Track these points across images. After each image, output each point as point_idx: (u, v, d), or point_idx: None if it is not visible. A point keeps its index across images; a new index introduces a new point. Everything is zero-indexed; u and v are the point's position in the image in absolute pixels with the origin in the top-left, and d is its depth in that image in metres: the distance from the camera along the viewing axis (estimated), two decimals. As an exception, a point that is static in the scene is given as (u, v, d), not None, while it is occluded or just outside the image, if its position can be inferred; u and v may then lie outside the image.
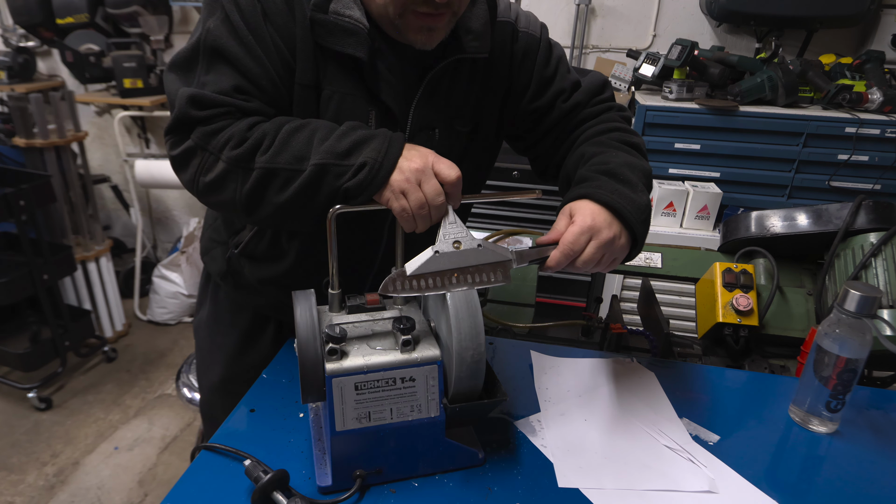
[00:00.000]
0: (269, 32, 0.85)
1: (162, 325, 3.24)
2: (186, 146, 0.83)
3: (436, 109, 0.96)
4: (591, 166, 0.91)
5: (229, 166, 0.81)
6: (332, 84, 0.90)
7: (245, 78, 0.85)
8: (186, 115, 0.82)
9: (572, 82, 1.05)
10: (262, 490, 0.72)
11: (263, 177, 0.80)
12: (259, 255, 1.06)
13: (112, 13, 2.97)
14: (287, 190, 0.80)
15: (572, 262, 0.80)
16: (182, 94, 0.82)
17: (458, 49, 0.93)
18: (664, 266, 1.41)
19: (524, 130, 1.08)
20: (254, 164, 0.80)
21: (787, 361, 1.22)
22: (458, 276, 0.75)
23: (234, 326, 1.19)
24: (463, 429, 0.85)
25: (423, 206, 0.76)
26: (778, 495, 0.79)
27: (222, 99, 0.83)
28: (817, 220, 1.24)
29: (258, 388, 0.97)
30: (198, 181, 0.84)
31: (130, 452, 2.35)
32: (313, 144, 0.80)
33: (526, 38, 1.02)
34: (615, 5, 2.73)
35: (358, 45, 0.86)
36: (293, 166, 0.79)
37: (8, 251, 2.72)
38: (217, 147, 0.81)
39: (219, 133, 0.82)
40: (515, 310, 1.42)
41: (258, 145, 0.80)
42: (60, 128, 2.63)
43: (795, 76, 2.24)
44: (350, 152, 0.79)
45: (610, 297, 1.70)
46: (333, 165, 0.78)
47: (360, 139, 0.80)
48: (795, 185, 2.28)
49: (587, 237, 0.80)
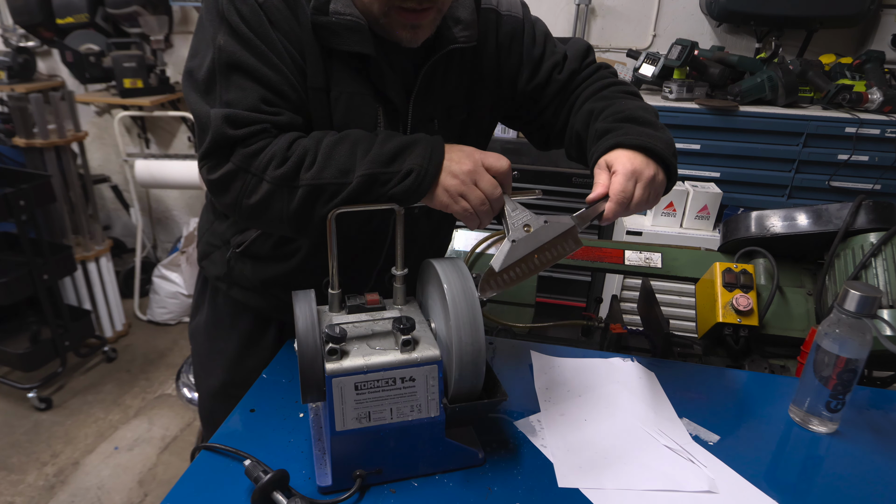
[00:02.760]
0: (279, 38, 0.85)
1: (162, 325, 3.24)
2: (227, 170, 0.83)
3: (433, 101, 0.98)
4: (609, 117, 0.94)
5: (273, 186, 0.81)
6: (340, 85, 0.91)
7: (267, 89, 0.85)
8: (223, 135, 0.81)
9: (562, 54, 1.08)
10: (262, 490, 0.72)
11: (310, 193, 0.81)
12: (264, 255, 1.06)
13: (112, 13, 2.97)
14: (333, 201, 0.81)
15: (626, 207, 0.84)
16: (216, 115, 0.82)
17: (450, 40, 0.94)
18: (664, 266, 1.41)
19: (525, 110, 1.10)
20: (299, 181, 0.80)
21: (787, 361, 1.22)
22: (539, 257, 0.80)
23: (234, 330, 1.18)
24: (463, 429, 0.85)
25: (484, 202, 0.80)
26: (778, 495, 0.79)
27: (255, 116, 0.83)
28: (817, 220, 1.24)
29: (258, 388, 0.97)
30: (241, 204, 0.84)
31: (130, 452, 2.35)
32: (357, 156, 0.81)
33: (511, 22, 1.04)
34: (615, 5, 2.73)
35: (364, 42, 0.87)
36: (339, 180, 0.80)
37: (8, 251, 2.72)
38: (260, 168, 0.81)
39: (259, 154, 0.82)
40: (515, 310, 1.42)
41: (301, 162, 0.81)
42: (60, 128, 2.63)
43: (795, 76, 2.24)
44: (394, 159, 0.81)
45: (610, 297, 1.70)
46: (381, 174, 0.80)
47: (403, 145, 0.82)
48: (795, 185, 2.28)
49: (633, 181, 0.84)
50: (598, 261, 1.42)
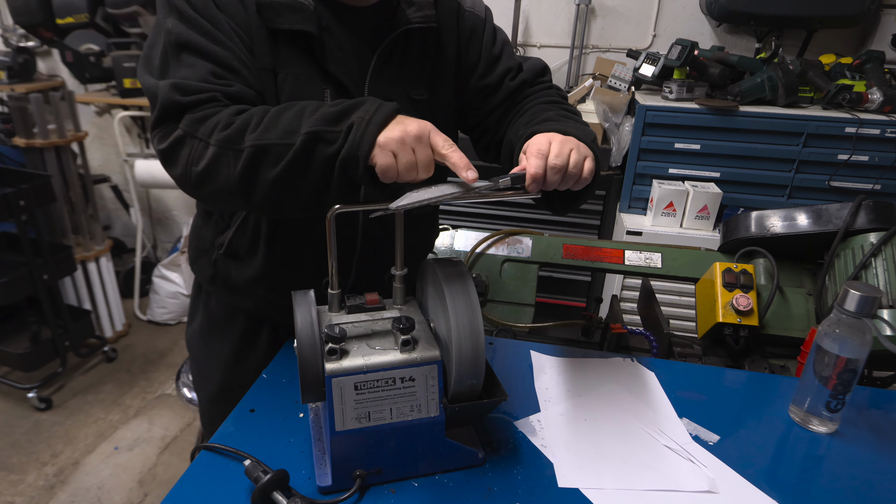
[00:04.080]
0: (225, 19, 0.88)
1: (162, 325, 3.24)
2: (175, 136, 0.83)
3: (390, 81, 0.99)
4: (537, 119, 0.95)
5: (219, 149, 0.80)
6: (286, 66, 0.92)
7: (216, 63, 0.86)
8: (171, 101, 0.82)
9: (518, 63, 1.10)
10: (262, 490, 0.72)
11: (254, 155, 0.78)
12: (242, 253, 1.07)
13: (112, 13, 2.97)
14: (279, 164, 0.78)
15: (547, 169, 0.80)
16: (164, 84, 0.83)
17: (405, 21, 0.97)
18: (664, 266, 1.41)
19: (472, 108, 1.12)
20: (243, 143, 0.79)
21: (787, 361, 1.22)
22: (435, 188, 0.75)
23: (228, 332, 1.18)
24: (463, 429, 0.85)
25: (413, 169, 0.75)
26: (778, 495, 0.79)
27: (204, 85, 0.83)
28: (817, 220, 1.24)
29: (258, 388, 0.97)
30: (189, 172, 0.83)
31: (130, 452, 2.35)
32: (303, 117, 0.79)
33: (472, 19, 1.07)
34: (615, 5, 2.73)
35: (306, 21, 0.89)
36: (284, 140, 0.78)
37: (8, 251, 2.72)
38: (206, 132, 0.81)
39: (208, 119, 0.81)
40: (515, 310, 1.42)
41: (246, 125, 0.80)
42: (60, 128, 2.63)
43: (795, 76, 2.24)
44: (340, 118, 0.77)
45: (610, 297, 1.70)
46: (326, 132, 0.77)
47: (351, 105, 0.79)
48: (795, 185, 2.28)
49: (547, 140, 0.82)
50: (598, 261, 1.42)
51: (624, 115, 2.46)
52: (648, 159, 2.34)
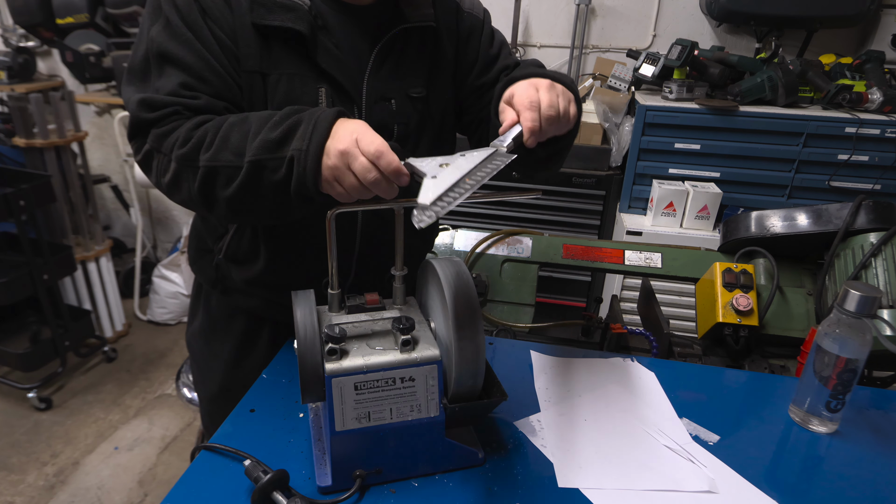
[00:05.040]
0: (209, 26, 0.88)
1: (162, 325, 3.24)
2: (145, 150, 0.86)
3: (388, 80, 0.99)
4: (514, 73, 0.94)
5: (179, 166, 0.82)
6: (279, 67, 0.91)
7: (188, 74, 0.87)
8: (139, 118, 0.85)
9: (515, 61, 1.10)
10: (262, 490, 0.72)
11: (207, 175, 0.81)
12: (241, 257, 1.07)
13: (112, 13, 2.97)
14: (231, 186, 0.80)
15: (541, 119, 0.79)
16: (133, 101, 0.86)
17: (403, 19, 0.97)
18: (664, 266, 1.41)
19: (468, 105, 1.12)
20: (198, 161, 0.81)
21: (787, 361, 1.22)
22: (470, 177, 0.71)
23: (229, 333, 1.18)
24: (463, 429, 0.85)
25: (357, 188, 0.73)
26: (778, 495, 0.79)
27: (169, 99, 0.85)
28: (817, 220, 1.24)
29: (258, 388, 0.97)
30: (160, 183, 0.87)
31: (130, 452, 2.35)
32: (248, 138, 0.79)
33: (470, 20, 1.08)
34: (615, 5, 2.73)
35: (298, 20, 0.89)
36: (233, 163, 0.79)
37: (8, 251, 2.72)
38: (168, 148, 0.83)
39: (170, 134, 0.84)
40: (515, 310, 1.42)
41: (201, 143, 0.81)
42: (60, 128, 2.63)
43: (795, 76, 2.24)
44: (282, 143, 0.77)
45: (610, 297, 1.70)
46: (268, 160, 0.77)
47: (292, 126, 0.77)
48: (795, 185, 2.28)
49: (533, 87, 0.82)
50: (598, 261, 1.42)
51: (624, 115, 2.46)
52: (648, 159, 2.34)
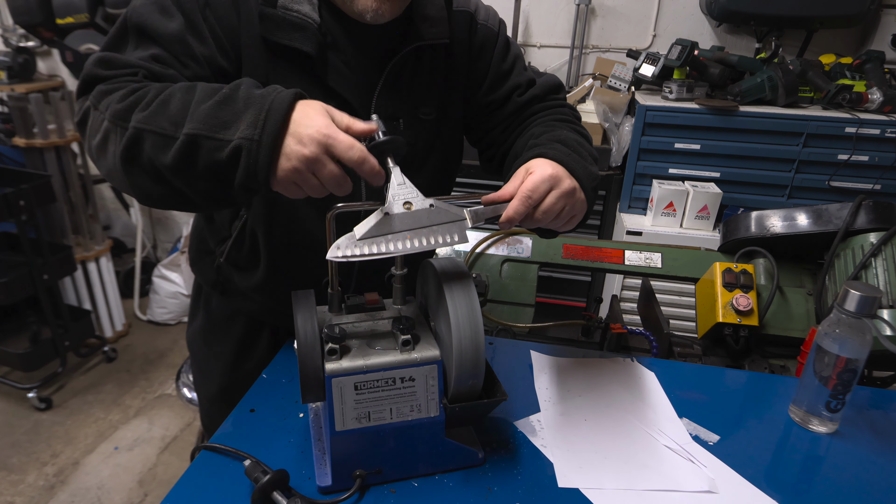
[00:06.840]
0: (206, 17, 0.84)
1: (162, 325, 3.24)
2: (84, 107, 0.78)
3: (398, 99, 0.96)
4: (543, 138, 0.91)
5: (110, 123, 0.73)
6: (285, 82, 0.83)
7: (167, 50, 0.81)
8: (90, 73, 0.78)
9: (528, 79, 1.06)
10: (262, 490, 0.72)
11: (134, 138, 0.70)
12: (241, 263, 1.06)
13: (112, 13, 2.96)
14: (158, 158, 0.69)
15: (531, 214, 0.76)
16: (92, 57, 0.79)
17: (417, 37, 0.93)
18: (664, 266, 1.41)
19: (476, 122, 1.09)
20: (130, 121, 0.71)
21: (787, 361, 1.22)
22: (412, 238, 0.69)
23: (229, 334, 1.18)
24: (463, 429, 0.85)
25: (324, 191, 0.69)
26: (778, 495, 0.79)
27: (133, 61, 0.78)
28: (817, 220, 1.24)
29: (258, 388, 0.97)
30: (91, 146, 0.76)
31: (130, 452, 2.35)
32: (190, 106, 0.69)
33: (484, 31, 1.03)
34: (615, 5, 2.73)
35: (306, 40, 0.86)
36: (166, 131, 0.69)
37: (8, 251, 2.72)
38: (105, 105, 0.74)
39: (114, 92, 0.75)
40: (515, 310, 1.42)
41: (138, 102, 0.72)
42: (60, 128, 2.63)
43: (795, 76, 2.24)
44: (228, 123, 0.67)
45: (610, 297, 1.70)
46: (207, 139, 0.67)
47: (243, 103, 0.68)
48: (795, 185, 2.28)
49: (548, 185, 0.76)
50: (598, 261, 1.42)
51: (624, 115, 2.46)
52: (648, 159, 2.34)
